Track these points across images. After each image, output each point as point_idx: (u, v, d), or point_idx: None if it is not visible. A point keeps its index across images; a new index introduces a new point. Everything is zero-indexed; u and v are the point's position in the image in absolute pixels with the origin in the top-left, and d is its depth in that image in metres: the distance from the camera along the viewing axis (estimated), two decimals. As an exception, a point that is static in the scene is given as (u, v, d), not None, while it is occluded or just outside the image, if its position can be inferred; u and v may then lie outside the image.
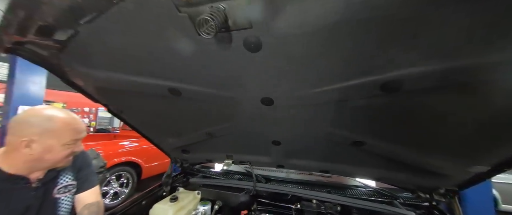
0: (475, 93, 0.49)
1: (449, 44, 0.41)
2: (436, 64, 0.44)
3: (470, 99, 0.51)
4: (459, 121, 0.58)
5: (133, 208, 1.07)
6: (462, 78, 0.46)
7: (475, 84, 0.47)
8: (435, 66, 0.44)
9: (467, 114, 0.55)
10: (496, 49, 0.40)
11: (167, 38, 0.51)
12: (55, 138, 0.70)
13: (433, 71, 0.45)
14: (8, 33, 0.51)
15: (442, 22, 0.37)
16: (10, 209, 0.69)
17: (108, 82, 0.71)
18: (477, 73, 0.44)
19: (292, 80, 0.57)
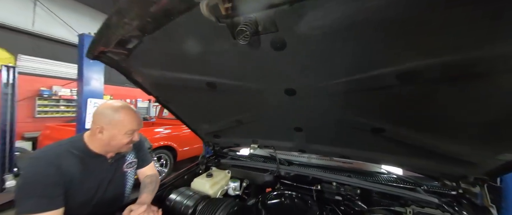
0: (496, 82, 0.50)
1: (463, 36, 0.43)
2: (451, 55, 0.46)
3: (492, 88, 0.52)
4: (484, 108, 0.58)
5: (178, 181, 1.31)
6: (480, 68, 0.47)
7: (495, 73, 0.48)
8: (451, 57, 0.47)
9: (491, 102, 0.56)
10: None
11: (208, 43, 0.64)
12: (118, 128, 0.87)
13: (449, 61, 0.48)
14: (97, 46, 0.71)
15: (451, 20, 0.40)
16: (96, 177, 0.92)
17: (160, 78, 0.89)
18: (497, 63, 0.46)
19: (313, 73, 0.65)
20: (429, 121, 0.71)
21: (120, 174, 1.04)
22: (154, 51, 0.74)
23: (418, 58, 0.49)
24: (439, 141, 0.75)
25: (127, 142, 0.92)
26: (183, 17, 0.55)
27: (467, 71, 0.49)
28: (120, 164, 1.04)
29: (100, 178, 0.95)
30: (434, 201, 0.95)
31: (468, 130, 0.68)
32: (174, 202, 1.08)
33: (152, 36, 0.66)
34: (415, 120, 0.72)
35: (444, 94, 0.58)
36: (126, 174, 1.08)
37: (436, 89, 0.56)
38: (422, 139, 0.77)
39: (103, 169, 0.96)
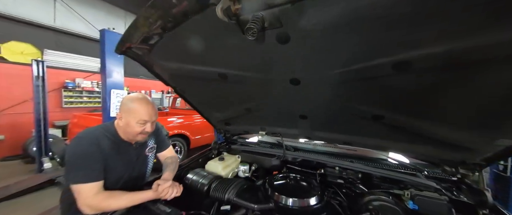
0: (490, 70, 0.53)
1: (454, 26, 0.47)
2: (442, 45, 0.50)
3: (486, 76, 0.55)
4: (478, 96, 0.62)
5: (194, 163, 1.46)
6: (472, 57, 0.51)
7: (489, 62, 0.51)
8: (443, 47, 0.51)
9: (485, 90, 0.59)
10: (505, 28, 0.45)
11: (219, 38, 0.72)
12: (132, 116, 0.98)
13: (442, 52, 0.52)
14: (125, 43, 0.81)
15: (441, 12, 0.44)
16: (124, 158, 1.07)
17: (178, 71, 0.99)
18: (490, 51, 0.49)
19: (315, 64, 0.71)
20: (426, 108, 0.75)
21: (143, 157, 1.20)
22: (172, 46, 0.83)
23: (411, 49, 0.54)
24: (436, 127, 0.80)
25: (140, 131, 1.01)
26: (198, 16, 0.63)
27: (458, 60, 0.53)
28: (143, 149, 1.20)
29: (127, 160, 1.10)
30: (432, 185, 1.00)
31: (463, 117, 0.72)
32: (191, 181, 1.22)
33: (171, 33, 0.75)
34: (412, 108, 0.77)
35: (437, 82, 0.62)
36: (147, 157, 1.24)
37: (429, 78, 0.60)
38: (420, 125, 0.82)
39: (130, 152, 1.12)
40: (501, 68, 0.52)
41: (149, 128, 1.04)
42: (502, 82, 0.56)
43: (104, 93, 2.44)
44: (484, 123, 0.71)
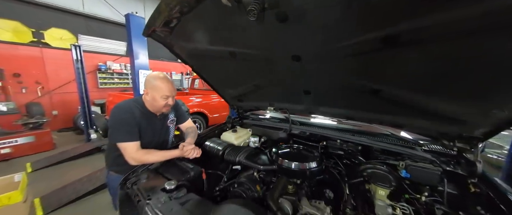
0: (475, 41, 0.56)
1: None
2: (429, 18, 0.54)
3: (471, 48, 0.58)
4: (467, 67, 0.64)
5: (210, 134, 1.68)
6: (458, 28, 0.54)
7: (474, 33, 0.54)
8: (429, 20, 0.54)
9: (473, 61, 0.61)
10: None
11: (227, 19, 0.81)
12: (156, 91, 1.19)
13: (427, 23, 0.55)
14: (150, 27, 0.96)
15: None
16: (151, 127, 1.30)
17: (194, 50, 1.13)
18: (473, 23, 0.52)
19: (313, 40, 0.78)
20: (418, 81, 0.78)
21: (165, 127, 1.45)
22: (188, 28, 0.96)
23: (398, 23, 0.58)
24: (430, 100, 0.83)
25: (164, 104, 1.23)
26: (208, 1, 0.74)
27: (444, 32, 0.56)
28: (165, 120, 1.43)
29: (154, 128, 1.34)
30: (428, 157, 1.06)
31: (455, 89, 0.74)
32: (209, 147, 1.44)
33: (187, 17, 0.87)
34: (406, 81, 0.81)
35: (426, 55, 0.65)
36: (169, 128, 1.48)
37: (418, 51, 0.64)
38: (415, 98, 0.86)
39: (156, 122, 1.35)
40: (487, 38, 0.55)
41: (171, 101, 1.26)
42: (490, 53, 0.58)
43: (133, 73, 2.75)
44: (475, 94, 0.73)
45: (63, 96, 5.60)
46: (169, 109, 1.34)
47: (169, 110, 1.35)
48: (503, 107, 0.70)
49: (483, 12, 0.50)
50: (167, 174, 1.09)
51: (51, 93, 5.41)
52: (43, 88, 5.24)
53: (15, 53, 4.80)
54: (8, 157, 3.55)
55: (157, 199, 0.85)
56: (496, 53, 0.57)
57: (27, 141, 3.74)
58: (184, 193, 0.92)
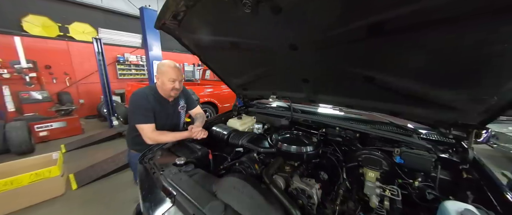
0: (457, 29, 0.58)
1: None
2: (408, 6, 0.57)
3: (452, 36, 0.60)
4: (452, 55, 0.66)
5: (217, 120, 1.80)
6: (438, 16, 0.56)
7: (455, 22, 0.56)
8: (410, 8, 0.57)
9: (458, 49, 0.63)
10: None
11: (227, 12, 0.88)
12: (164, 76, 1.34)
13: (408, 12, 0.58)
14: (160, 20, 1.06)
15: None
16: (164, 112, 1.46)
17: (200, 41, 1.22)
18: (452, 10, 0.54)
19: (306, 30, 0.83)
20: (408, 69, 0.81)
21: (177, 113, 1.60)
22: (194, 21, 1.04)
23: (381, 11, 0.62)
24: (421, 87, 0.85)
25: (172, 87, 1.38)
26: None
27: (426, 19, 0.59)
28: (176, 106, 1.58)
29: (166, 113, 1.50)
30: (423, 144, 1.09)
31: (443, 76, 0.76)
32: (215, 131, 1.57)
33: (192, 10, 0.95)
34: (395, 68, 0.83)
35: (411, 42, 0.68)
36: (180, 113, 1.64)
37: (403, 38, 0.67)
38: (407, 86, 0.88)
39: (168, 107, 1.51)
40: (466, 27, 0.56)
41: (177, 85, 1.40)
42: (470, 42, 0.59)
43: (148, 64, 2.95)
44: (463, 82, 0.74)
45: (87, 86, 6.09)
46: (177, 93, 1.49)
47: (177, 94, 1.50)
48: (492, 93, 0.71)
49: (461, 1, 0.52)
50: (178, 153, 1.24)
51: (77, 84, 5.91)
52: (70, 78, 5.74)
53: (45, 46, 5.26)
54: (46, 139, 4.05)
55: (169, 171, 0.99)
56: (477, 42, 0.59)
57: (60, 126, 4.20)
58: (192, 168, 1.06)
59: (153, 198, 0.91)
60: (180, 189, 0.84)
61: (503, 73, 0.63)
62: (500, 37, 0.56)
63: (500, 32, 0.55)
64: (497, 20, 0.53)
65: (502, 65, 0.62)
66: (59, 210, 2.14)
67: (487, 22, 0.55)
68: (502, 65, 0.61)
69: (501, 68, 0.63)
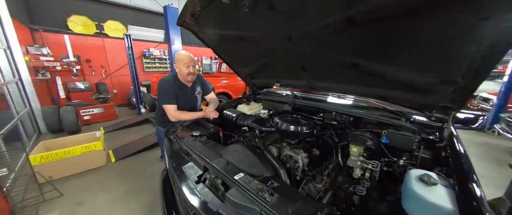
0: (415, 20, 0.70)
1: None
2: (372, 2, 0.70)
3: (414, 26, 0.72)
4: (418, 42, 0.77)
5: (228, 105, 2.05)
6: (398, 9, 0.69)
7: (414, 13, 0.68)
8: (372, 4, 0.71)
9: (421, 37, 0.75)
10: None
11: (232, 12, 1.08)
12: (179, 63, 1.62)
13: (372, 7, 0.72)
14: (181, 18, 1.31)
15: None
16: (183, 95, 1.74)
17: (213, 35, 1.45)
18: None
19: (296, 23, 0.99)
20: (385, 55, 0.92)
21: (194, 97, 1.89)
22: (207, 19, 1.27)
23: (352, 6, 0.76)
24: (400, 72, 0.96)
25: (187, 72, 1.66)
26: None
27: (391, 11, 0.71)
28: (194, 91, 1.86)
29: (185, 97, 1.79)
30: (409, 126, 1.19)
31: (413, 62, 0.86)
32: (226, 114, 1.82)
33: (206, 10, 1.17)
34: (376, 55, 0.95)
35: (382, 32, 0.80)
36: (197, 98, 1.92)
37: (374, 28, 0.80)
38: (388, 71, 0.99)
39: (187, 93, 1.80)
40: (424, 16, 0.68)
41: (192, 69, 1.67)
42: (429, 31, 0.71)
43: (170, 57, 3.31)
44: (431, 67, 0.84)
45: (119, 78, 6.86)
46: (193, 77, 1.76)
47: (193, 78, 1.78)
48: (457, 75, 0.81)
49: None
50: (194, 128, 1.51)
51: (111, 76, 6.69)
52: (106, 71, 6.52)
53: (85, 43, 6.04)
54: (88, 122, 4.77)
55: (187, 140, 1.26)
56: (433, 31, 0.70)
57: (99, 111, 4.90)
58: (205, 139, 1.32)
59: (175, 157, 1.19)
60: (195, 150, 1.10)
61: (461, 56, 0.74)
62: (451, 25, 0.67)
63: (451, 21, 0.67)
64: (447, 11, 0.65)
65: (458, 50, 0.72)
66: (103, 177, 2.64)
67: (440, 13, 0.67)
68: (458, 49, 0.72)
69: (458, 52, 0.73)
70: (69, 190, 2.33)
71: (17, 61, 3.75)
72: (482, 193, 0.67)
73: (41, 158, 2.40)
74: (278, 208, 0.65)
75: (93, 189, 2.38)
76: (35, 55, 4.51)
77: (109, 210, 2.04)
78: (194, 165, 1.05)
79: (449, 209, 0.65)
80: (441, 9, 0.65)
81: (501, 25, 0.59)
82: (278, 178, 0.91)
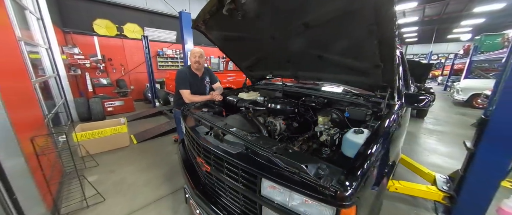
0: (342, 23, 1.10)
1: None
2: (313, 12, 1.11)
3: (340, 26, 1.12)
4: (345, 38, 1.17)
5: (230, 93, 2.50)
6: (328, 17, 1.09)
7: (339, 19, 1.08)
8: (314, 14, 1.11)
9: (346, 35, 1.14)
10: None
11: (230, 18, 1.51)
12: (190, 55, 2.13)
13: (321, 14, 1.12)
14: (195, 23, 1.77)
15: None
16: (195, 82, 2.24)
17: (217, 35, 1.89)
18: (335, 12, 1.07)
19: (275, 25, 1.40)
20: (335, 48, 1.32)
21: (204, 85, 2.37)
22: (214, 24, 1.71)
23: (304, 14, 1.16)
24: (347, 60, 1.35)
25: (194, 61, 2.16)
26: (220, 11, 1.46)
27: (326, 18, 1.12)
28: (203, 80, 2.34)
29: (197, 84, 2.27)
30: (364, 103, 1.57)
31: (352, 52, 1.25)
32: (228, 99, 2.27)
33: (213, 18, 1.62)
34: (329, 48, 1.35)
35: (327, 32, 1.20)
36: (206, 86, 2.40)
37: (322, 30, 1.20)
38: (340, 59, 1.39)
39: (198, 81, 2.28)
40: (343, 21, 1.08)
41: (198, 59, 2.17)
42: (349, 31, 1.10)
43: (184, 55, 3.83)
44: (363, 54, 1.23)
45: (136, 75, 7.54)
46: (199, 67, 2.25)
47: (199, 67, 2.27)
48: (378, 61, 1.19)
49: (336, 9, 1.05)
50: (203, 108, 1.97)
51: (129, 73, 7.39)
52: (125, 69, 7.21)
53: (107, 43, 6.75)
54: (111, 113, 5.42)
55: (198, 113, 1.72)
56: (351, 32, 1.10)
57: (120, 104, 5.54)
58: (212, 113, 1.77)
59: (189, 124, 1.64)
60: (204, 118, 1.55)
61: (370, 47, 1.11)
62: (356, 28, 1.07)
63: (354, 25, 1.06)
64: (349, 19, 1.05)
65: (367, 43, 1.10)
66: (128, 154, 3.18)
67: (346, 22, 1.07)
68: (367, 43, 1.10)
69: (368, 44, 1.11)
70: (103, 162, 2.89)
71: (56, 59, 4.43)
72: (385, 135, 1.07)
73: (81, 136, 2.97)
74: (255, 142, 1.07)
75: (121, 162, 2.92)
76: (70, 54, 5.21)
77: (135, 176, 2.56)
78: (203, 127, 1.50)
79: (360, 142, 1.04)
80: (347, 20, 1.06)
81: (381, 26, 0.97)
82: (260, 133, 1.34)
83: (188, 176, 1.49)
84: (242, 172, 1.00)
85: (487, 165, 1.68)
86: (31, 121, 2.01)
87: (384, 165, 1.06)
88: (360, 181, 0.76)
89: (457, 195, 1.88)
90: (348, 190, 0.73)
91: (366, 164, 0.84)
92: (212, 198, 1.25)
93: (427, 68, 5.42)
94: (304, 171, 0.80)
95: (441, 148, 3.65)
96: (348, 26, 1.08)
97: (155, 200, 2.11)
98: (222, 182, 1.18)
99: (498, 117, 1.59)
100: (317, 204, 0.79)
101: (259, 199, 0.95)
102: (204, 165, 1.27)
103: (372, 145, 0.95)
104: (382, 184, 1.05)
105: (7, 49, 1.85)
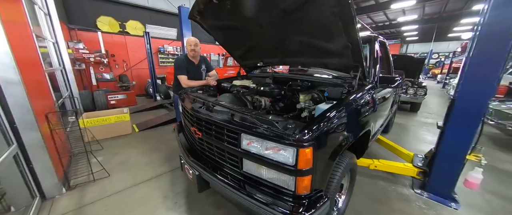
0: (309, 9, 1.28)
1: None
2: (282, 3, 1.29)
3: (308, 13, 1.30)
4: (314, 21, 1.35)
5: (225, 80, 2.69)
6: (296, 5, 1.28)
7: (306, 6, 1.27)
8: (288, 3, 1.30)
9: (313, 18, 1.33)
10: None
11: (221, 8, 1.71)
12: (186, 45, 2.35)
13: (289, 2, 1.31)
14: (191, 13, 1.96)
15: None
16: (192, 70, 2.45)
17: (212, 25, 2.09)
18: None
19: (258, 14, 1.59)
20: (313, 32, 1.50)
21: (200, 72, 2.57)
22: (207, 13, 1.90)
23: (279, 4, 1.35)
24: (323, 43, 1.53)
25: (190, 49, 2.38)
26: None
27: (295, 7, 1.30)
28: (200, 68, 2.55)
29: (193, 71, 2.48)
30: (340, 83, 1.75)
31: (324, 34, 1.44)
32: (222, 85, 2.47)
33: (206, 7, 1.81)
34: (308, 32, 1.53)
35: (304, 17, 1.38)
36: (202, 73, 2.60)
37: (296, 16, 1.38)
38: (317, 43, 1.57)
39: (194, 68, 2.48)
40: (310, 6, 1.26)
41: (193, 47, 2.39)
42: (315, 15, 1.28)
43: (183, 51, 4.03)
44: (334, 37, 1.41)
45: (138, 71, 7.77)
46: (195, 54, 2.47)
47: (195, 55, 2.48)
48: (347, 42, 1.37)
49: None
50: (200, 91, 2.17)
51: (131, 69, 7.62)
52: (127, 64, 7.44)
53: (110, 40, 6.98)
54: (114, 106, 5.63)
55: (194, 94, 1.91)
56: (320, 15, 1.28)
57: (122, 97, 5.77)
58: (207, 95, 1.97)
59: (186, 104, 1.84)
60: (198, 96, 1.75)
61: (336, 29, 1.29)
62: (319, 12, 1.25)
63: (316, 9, 1.25)
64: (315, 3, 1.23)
65: (332, 25, 1.28)
66: (131, 140, 3.39)
67: (312, 7, 1.25)
68: (333, 25, 1.28)
69: (334, 26, 1.29)
70: (107, 146, 3.10)
71: (62, 53, 4.66)
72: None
73: (87, 122, 3.19)
74: (239, 109, 1.26)
75: (125, 146, 3.14)
76: (75, 49, 5.44)
77: (138, 157, 2.77)
78: (197, 103, 1.70)
79: (325, 108, 1.23)
80: (312, 4, 1.24)
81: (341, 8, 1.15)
82: (246, 107, 1.53)
83: (183, 147, 1.70)
84: (226, 131, 1.20)
85: (454, 141, 1.86)
86: (45, 103, 2.23)
87: (346, 128, 1.24)
88: (315, 130, 0.96)
89: (429, 170, 2.06)
90: (305, 135, 0.92)
91: (323, 120, 1.03)
92: (203, 159, 1.45)
93: (419, 63, 5.56)
94: (274, 126, 1.00)
95: (428, 137, 3.82)
96: (316, 10, 1.27)
97: (156, 176, 2.32)
98: (210, 144, 1.38)
99: (461, 95, 1.77)
100: (283, 149, 0.98)
101: (240, 153, 1.15)
102: (196, 133, 1.47)
103: (332, 109, 1.14)
104: (341, 141, 1.21)
105: (26, 42, 2.10)
